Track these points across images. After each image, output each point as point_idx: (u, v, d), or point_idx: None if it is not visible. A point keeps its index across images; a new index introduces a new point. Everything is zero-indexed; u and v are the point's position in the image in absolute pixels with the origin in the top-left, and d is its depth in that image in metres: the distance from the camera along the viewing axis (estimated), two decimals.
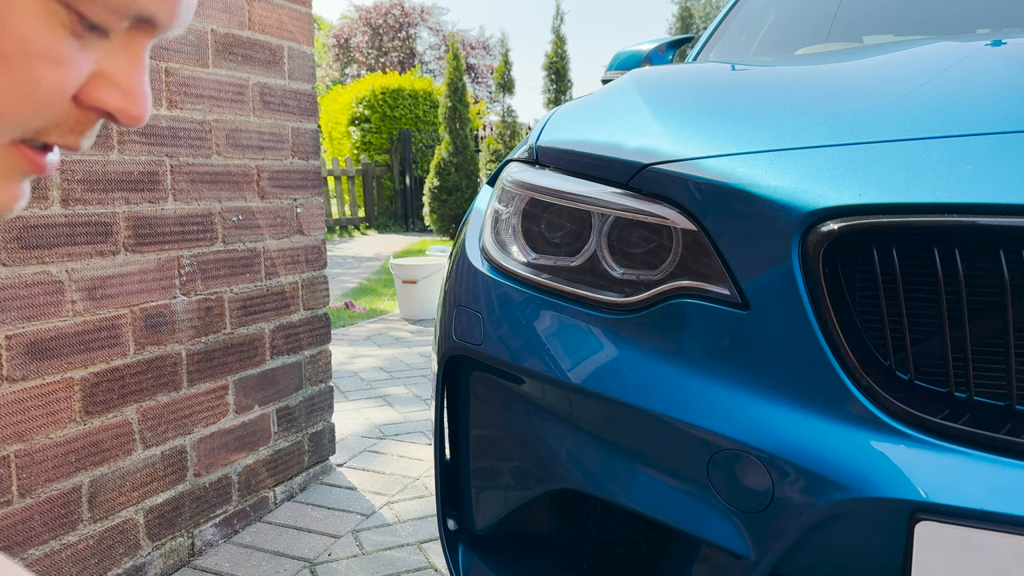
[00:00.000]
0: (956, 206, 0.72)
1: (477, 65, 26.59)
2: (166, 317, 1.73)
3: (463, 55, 13.88)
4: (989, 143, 0.78)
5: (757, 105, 1.05)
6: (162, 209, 1.71)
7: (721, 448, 0.80)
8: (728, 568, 0.82)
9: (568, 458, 0.95)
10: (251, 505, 2.02)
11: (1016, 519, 0.66)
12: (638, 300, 0.91)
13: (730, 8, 2.36)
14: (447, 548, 1.13)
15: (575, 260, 0.98)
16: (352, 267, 7.89)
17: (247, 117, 1.95)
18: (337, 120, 13.28)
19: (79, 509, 1.54)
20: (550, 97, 10.18)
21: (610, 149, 0.99)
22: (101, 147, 1.57)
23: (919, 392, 0.75)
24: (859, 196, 0.76)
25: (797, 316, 0.78)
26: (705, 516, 0.82)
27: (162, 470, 1.74)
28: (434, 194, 10.07)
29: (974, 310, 0.73)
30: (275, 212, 2.05)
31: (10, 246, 1.40)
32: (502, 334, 1.02)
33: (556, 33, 10.11)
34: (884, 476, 0.72)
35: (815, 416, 0.77)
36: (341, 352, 4.03)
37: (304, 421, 2.20)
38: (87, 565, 1.56)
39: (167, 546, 1.76)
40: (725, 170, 0.86)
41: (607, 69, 2.40)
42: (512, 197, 1.09)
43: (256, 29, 1.97)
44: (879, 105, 0.93)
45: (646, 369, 0.88)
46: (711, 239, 0.86)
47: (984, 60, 1.05)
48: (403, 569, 1.77)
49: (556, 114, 1.22)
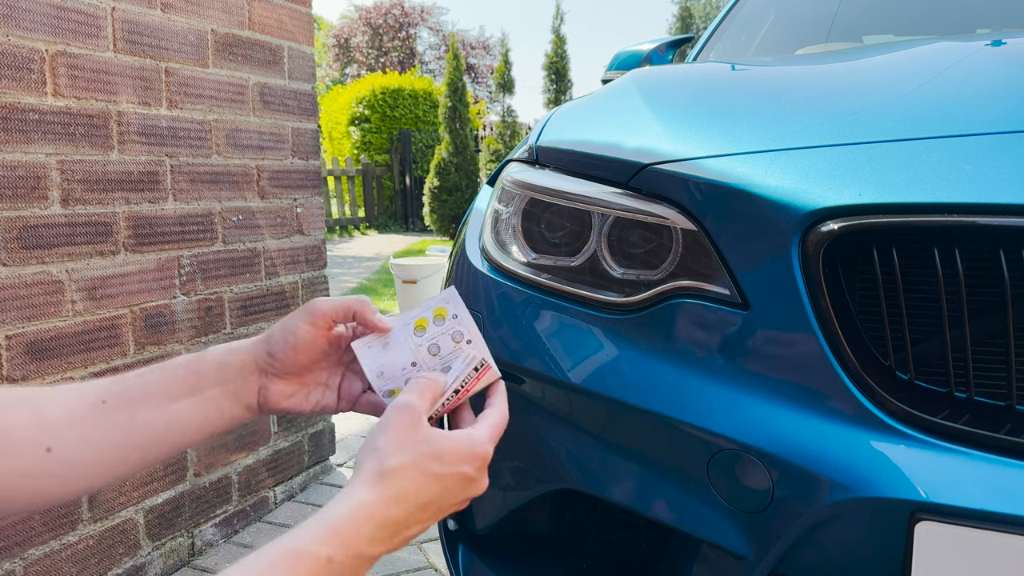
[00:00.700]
0: (956, 206, 0.72)
1: (477, 65, 26.60)
2: (166, 317, 1.73)
3: (463, 55, 13.88)
4: (989, 143, 0.78)
5: (757, 105, 1.05)
6: (162, 209, 1.71)
7: (721, 448, 0.80)
8: (728, 568, 0.82)
9: (568, 458, 0.95)
10: (251, 505, 2.02)
11: (1016, 519, 0.66)
12: (638, 300, 0.91)
13: (730, 8, 2.36)
14: (447, 548, 1.13)
15: (575, 260, 0.98)
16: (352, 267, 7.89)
17: (247, 117, 1.95)
18: (337, 120, 13.28)
19: (79, 509, 1.54)
20: (550, 97, 10.18)
21: (610, 149, 0.99)
22: (101, 147, 1.57)
23: (919, 392, 0.75)
24: (859, 196, 0.76)
25: (797, 316, 0.78)
26: (705, 516, 0.82)
27: (162, 470, 1.74)
28: (434, 194, 10.07)
29: (974, 310, 0.73)
30: (275, 212, 2.05)
31: (10, 246, 1.40)
32: (502, 334, 1.02)
33: (556, 33, 10.12)
34: (884, 476, 0.72)
35: (815, 416, 0.77)
36: None
37: (304, 421, 2.20)
38: (87, 565, 1.56)
39: (167, 546, 1.76)
40: (725, 170, 0.86)
41: (607, 69, 2.40)
42: (512, 197, 1.09)
43: (256, 29, 1.97)
44: (879, 105, 0.93)
45: (646, 369, 0.88)
46: (711, 239, 0.86)
47: (984, 60, 1.05)
48: (403, 569, 1.77)
49: (556, 114, 1.22)
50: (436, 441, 0.64)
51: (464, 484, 0.64)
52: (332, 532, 0.56)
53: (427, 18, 27.13)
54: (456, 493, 0.64)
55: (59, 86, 1.48)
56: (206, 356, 0.72)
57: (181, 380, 0.70)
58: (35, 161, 1.44)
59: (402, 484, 0.61)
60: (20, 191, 1.42)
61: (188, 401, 0.70)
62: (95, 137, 1.55)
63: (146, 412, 0.68)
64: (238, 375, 0.72)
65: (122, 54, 1.60)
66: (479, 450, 0.65)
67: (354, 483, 0.60)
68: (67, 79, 1.49)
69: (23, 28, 1.41)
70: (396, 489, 0.60)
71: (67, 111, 1.49)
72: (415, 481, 0.61)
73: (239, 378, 0.72)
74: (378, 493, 0.60)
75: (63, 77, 1.48)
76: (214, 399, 0.71)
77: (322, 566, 0.54)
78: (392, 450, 0.62)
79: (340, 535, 0.56)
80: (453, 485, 0.63)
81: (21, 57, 1.41)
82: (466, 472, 0.64)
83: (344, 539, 0.56)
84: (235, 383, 0.72)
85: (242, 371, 0.72)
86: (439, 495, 0.62)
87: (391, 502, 0.60)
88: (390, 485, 0.60)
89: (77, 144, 1.52)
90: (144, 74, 1.66)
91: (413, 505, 0.61)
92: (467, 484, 0.64)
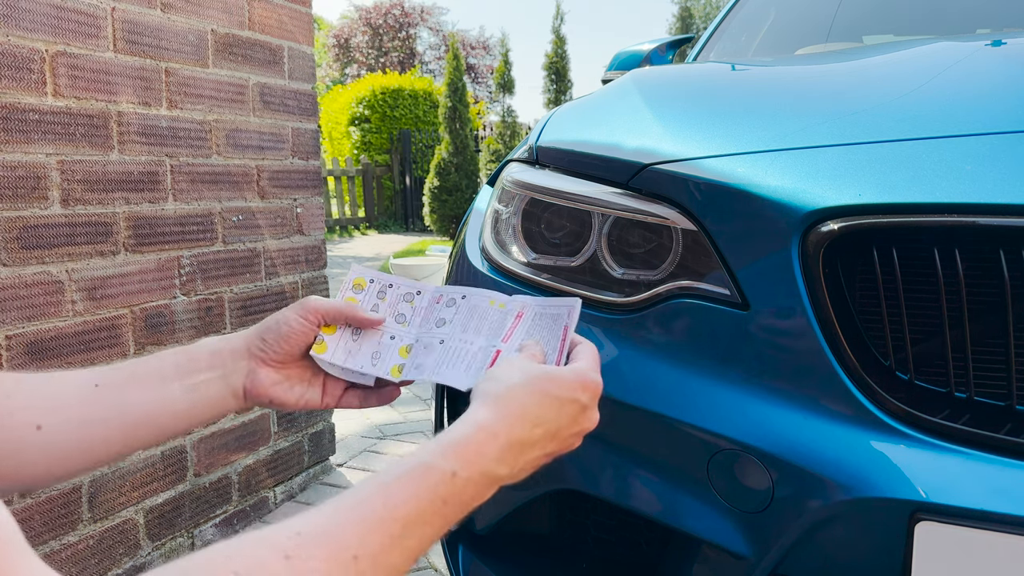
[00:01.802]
0: (956, 206, 0.72)
1: (477, 65, 26.59)
2: (166, 317, 1.73)
3: (463, 55, 13.88)
4: (989, 143, 0.78)
5: (757, 105, 1.05)
6: (162, 209, 1.71)
7: (721, 448, 0.80)
8: (728, 568, 0.82)
9: (568, 458, 0.95)
10: (251, 505, 2.02)
11: (1016, 519, 0.66)
12: (638, 300, 0.91)
13: (730, 8, 2.36)
14: (447, 548, 1.13)
15: (575, 260, 0.98)
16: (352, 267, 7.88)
17: (247, 117, 1.95)
18: (337, 120, 13.28)
19: (79, 509, 1.54)
20: (550, 97, 10.18)
21: (610, 149, 0.99)
22: (101, 147, 1.57)
23: (919, 392, 0.75)
24: (859, 196, 0.76)
25: (797, 316, 0.78)
26: (705, 516, 0.82)
27: (162, 470, 1.74)
28: (434, 194, 10.07)
29: (974, 310, 0.73)
30: (275, 212, 2.05)
31: (10, 246, 1.40)
32: None
33: (556, 33, 10.11)
34: (884, 476, 0.72)
35: (815, 416, 0.77)
36: None
37: (304, 421, 2.20)
38: (87, 565, 1.56)
39: (167, 546, 1.76)
40: (725, 170, 0.86)
41: (607, 69, 2.40)
42: (512, 197, 1.09)
43: (256, 29, 1.97)
44: (879, 105, 0.93)
45: (646, 369, 0.88)
46: (711, 239, 0.86)
47: (984, 60, 1.05)
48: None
49: (556, 114, 1.22)
50: (551, 370, 0.67)
51: (579, 413, 0.67)
52: (455, 449, 0.58)
53: (427, 18, 27.13)
54: (573, 420, 0.66)
55: (59, 86, 1.48)
56: (199, 344, 0.76)
57: (173, 364, 0.73)
58: (35, 161, 1.44)
59: (522, 401, 0.63)
60: (20, 191, 1.42)
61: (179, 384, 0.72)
62: (95, 137, 1.55)
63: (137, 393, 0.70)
64: (229, 359, 0.75)
65: (122, 54, 1.60)
66: (590, 378, 0.68)
67: (474, 406, 0.63)
68: (67, 79, 1.49)
69: (23, 28, 1.41)
70: (516, 406, 0.63)
71: (67, 111, 1.50)
72: (533, 398, 0.64)
73: (230, 362, 0.75)
74: (497, 411, 0.62)
75: (63, 77, 1.48)
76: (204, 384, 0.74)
77: (447, 479, 0.56)
78: (510, 375, 0.65)
79: (464, 452, 0.58)
80: (570, 411, 0.66)
81: (21, 57, 1.41)
82: (581, 399, 0.67)
83: (468, 456, 0.58)
84: (225, 367, 0.75)
85: (233, 356, 0.76)
86: (557, 417, 0.65)
87: (512, 419, 0.62)
88: (510, 403, 0.63)
89: (77, 144, 1.52)
90: (144, 74, 1.66)
91: (532, 423, 0.63)
92: (581, 413, 0.67)
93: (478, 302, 0.80)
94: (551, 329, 0.75)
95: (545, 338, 0.75)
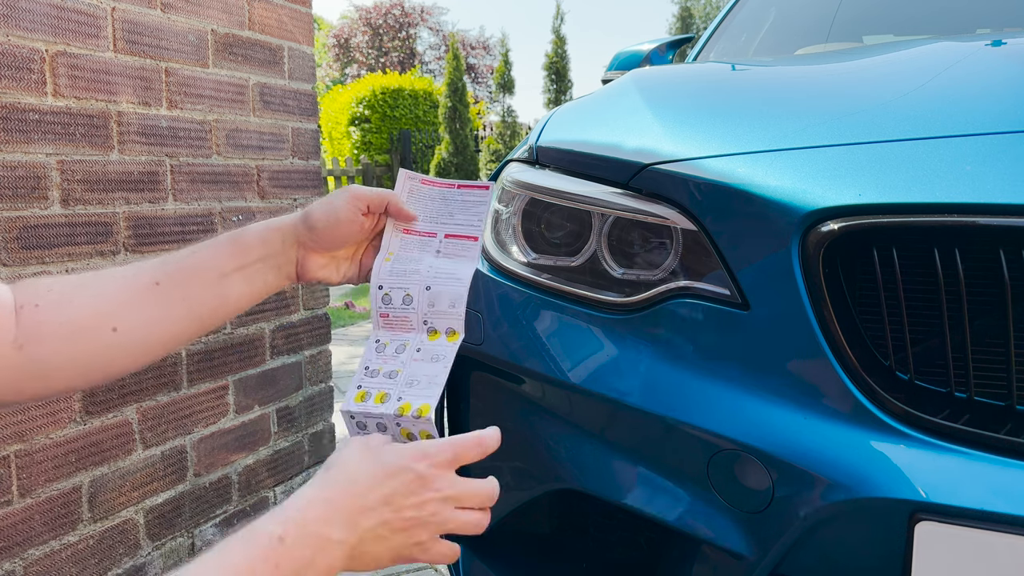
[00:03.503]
0: (956, 206, 0.72)
1: (477, 65, 26.60)
2: None
3: (463, 55, 13.87)
4: (989, 143, 0.78)
5: (757, 105, 1.06)
6: (162, 209, 1.71)
7: (721, 448, 0.80)
8: (728, 568, 0.82)
9: (568, 458, 0.95)
10: (251, 505, 2.02)
11: (1016, 519, 0.66)
12: (638, 300, 0.91)
13: (730, 8, 2.36)
14: None
15: (575, 260, 0.98)
16: None
17: (247, 117, 1.95)
18: (337, 120, 13.28)
19: (79, 509, 1.54)
20: (550, 97, 10.18)
21: (610, 149, 0.99)
22: (101, 147, 1.57)
23: (919, 392, 0.75)
24: (859, 196, 0.76)
25: (797, 316, 0.78)
26: (705, 516, 0.82)
27: (162, 470, 1.74)
28: None
29: (974, 310, 0.73)
30: (275, 212, 2.05)
31: (10, 246, 1.40)
32: (502, 334, 1.02)
33: (556, 33, 10.12)
34: (884, 476, 0.72)
35: (815, 416, 0.77)
36: (341, 352, 4.03)
37: (304, 421, 2.20)
38: (87, 565, 1.56)
39: (167, 546, 1.76)
40: (725, 170, 0.86)
41: (607, 69, 2.40)
42: (512, 197, 1.09)
43: (256, 29, 1.97)
44: (879, 105, 0.93)
45: (646, 369, 0.88)
46: (711, 239, 0.86)
47: (984, 60, 1.05)
48: (403, 569, 1.77)
49: (556, 114, 1.22)
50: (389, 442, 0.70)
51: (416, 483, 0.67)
52: (285, 514, 0.61)
53: (427, 18, 27.14)
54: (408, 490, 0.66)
55: (59, 86, 1.48)
56: (248, 231, 0.80)
57: (228, 255, 0.78)
58: (35, 161, 1.44)
59: (349, 468, 0.66)
60: (20, 191, 1.42)
61: (237, 275, 0.77)
62: (95, 137, 1.55)
63: (199, 289, 0.76)
64: (280, 249, 0.80)
65: (122, 54, 1.60)
66: (431, 450, 0.68)
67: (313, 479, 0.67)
68: (67, 79, 1.49)
69: (23, 28, 1.41)
70: (343, 473, 0.66)
71: (67, 111, 1.49)
72: (364, 464, 0.66)
73: (281, 252, 0.80)
74: (326, 478, 0.65)
75: (63, 77, 1.48)
76: (260, 272, 0.79)
77: (275, 544, 0.59)
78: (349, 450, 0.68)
79: (291, 516, 0.61)
80: (404, 479, 0.66)
81: (21, 57, 1.41)
82: (417, 469, 0.67)
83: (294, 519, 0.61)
84: (278, 257, 0.80)
85: (283, 244, 0.80)
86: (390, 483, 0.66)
87: (339, 483, 0.65)
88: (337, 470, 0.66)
89: (77, 144, 1.52)
90: (144, 74, 1.66)
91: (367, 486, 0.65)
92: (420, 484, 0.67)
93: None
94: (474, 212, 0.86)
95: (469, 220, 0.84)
